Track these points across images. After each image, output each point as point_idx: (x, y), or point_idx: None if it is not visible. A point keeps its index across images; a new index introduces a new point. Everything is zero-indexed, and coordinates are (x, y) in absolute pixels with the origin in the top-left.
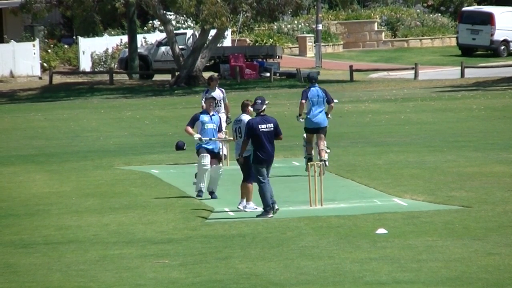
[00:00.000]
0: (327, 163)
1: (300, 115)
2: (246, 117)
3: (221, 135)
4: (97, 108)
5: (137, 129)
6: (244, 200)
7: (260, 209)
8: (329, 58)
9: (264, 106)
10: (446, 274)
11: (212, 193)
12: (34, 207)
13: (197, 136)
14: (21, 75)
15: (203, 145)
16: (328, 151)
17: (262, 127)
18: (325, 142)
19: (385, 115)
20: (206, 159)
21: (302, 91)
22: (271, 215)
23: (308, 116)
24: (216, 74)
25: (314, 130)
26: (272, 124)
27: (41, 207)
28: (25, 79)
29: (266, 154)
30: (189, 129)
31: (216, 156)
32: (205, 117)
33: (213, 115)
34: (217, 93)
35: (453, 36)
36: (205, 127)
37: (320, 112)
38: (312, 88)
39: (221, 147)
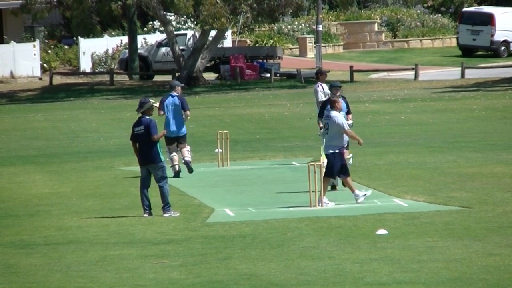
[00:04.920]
0: (190, 164)
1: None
2: (335, 114)
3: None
4: (97, 108)
5: None
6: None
7: (332, 204)
8: (330, 58)
9: (143, 109)
10: (447, 274)
11: None
12: (34, 207)
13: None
14: (21, 76)
15: None
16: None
17: (136, 129)
18: (188, 147)
19: (385, 116)
20: None
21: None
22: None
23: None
24: (322, 68)
25: (173, 138)
26: (142, 127)
27: (41, 207)
28: (25, 79)
29: (141, 156)
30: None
31: None
32: None
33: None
34: (325, 87)
35: (453, 36)
36: None
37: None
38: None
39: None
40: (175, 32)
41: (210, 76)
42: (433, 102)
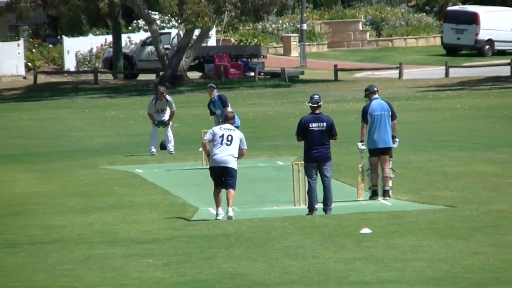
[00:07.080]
0: None
1: None
2: None
3: None
4: (81, 107)
5: (122, 128)
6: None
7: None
8: (314, 57)
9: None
10: (431, 273)
11: None
12: (19, 206)
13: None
14: (6, 75)
15: None
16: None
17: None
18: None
19: None
20: None
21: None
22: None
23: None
24: None
25: None
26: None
27: (26, 206)
28: (10, 78)
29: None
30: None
31: None
32: None
33: None
34: None
35: (437, 35)
36: None
37: None
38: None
39: None
40: (160, 31)
41: (194, 75)
42: (417, 101)
